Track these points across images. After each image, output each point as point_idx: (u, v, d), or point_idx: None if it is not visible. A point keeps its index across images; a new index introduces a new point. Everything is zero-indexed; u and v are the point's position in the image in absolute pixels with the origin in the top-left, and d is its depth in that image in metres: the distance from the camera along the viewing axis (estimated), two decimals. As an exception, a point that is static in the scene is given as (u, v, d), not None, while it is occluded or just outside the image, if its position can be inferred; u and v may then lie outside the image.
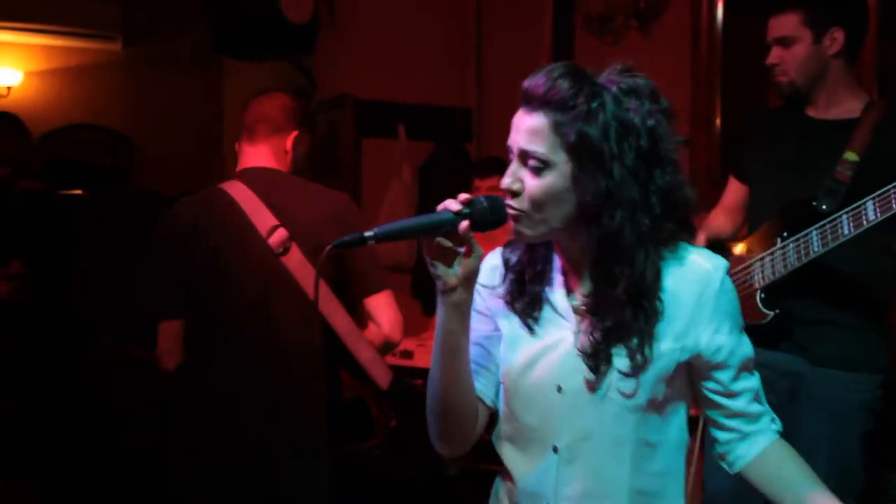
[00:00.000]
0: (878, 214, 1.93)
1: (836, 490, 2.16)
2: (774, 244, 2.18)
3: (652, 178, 1.18)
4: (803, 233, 2.09)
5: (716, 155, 3.40)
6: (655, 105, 1.20)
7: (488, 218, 1.20)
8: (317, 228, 2.01)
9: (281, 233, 2.00)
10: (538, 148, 1.18)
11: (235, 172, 2.13)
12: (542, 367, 1.26)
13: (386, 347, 2.09)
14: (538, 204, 1.19)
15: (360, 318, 2.14)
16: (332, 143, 4.49)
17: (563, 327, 1.26)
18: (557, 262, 1.28)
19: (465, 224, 1.16)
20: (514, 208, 1.21)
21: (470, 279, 1.20)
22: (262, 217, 2.01)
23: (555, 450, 1.25)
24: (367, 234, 1.16)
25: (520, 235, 1.24)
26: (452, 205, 1.17)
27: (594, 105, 1.17)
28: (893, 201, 1.90)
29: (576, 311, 1.26)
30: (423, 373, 2.74)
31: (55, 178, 3.68)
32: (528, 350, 1.27)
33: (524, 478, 1.29)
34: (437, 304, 1.21)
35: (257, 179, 2.07)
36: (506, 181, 1.22)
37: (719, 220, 2.49)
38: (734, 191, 2.49)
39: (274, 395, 2.00)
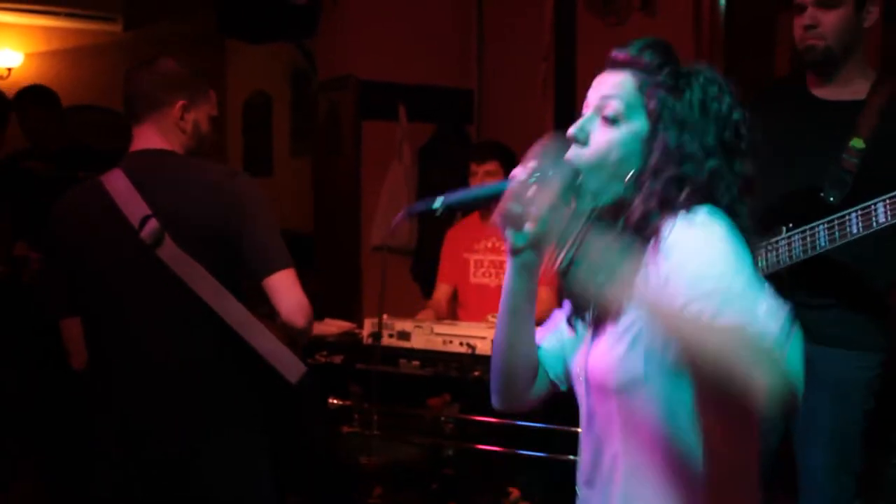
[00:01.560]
0: (889, 217, 1.89)
1: (835, 468, 2.19)
2: (780, 233, 2.15)
3: (730, 167, 1.19)
4: (810, 226, 2.06)
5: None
6: (738, 103, 1.21)
7: (566, 178, 1.17)
8: (192, 214, 1.85)
9: (152, 223, 1.83)
10: (619, 100, 1.19)
11: (123, 157, 1.96)
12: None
13: (292, 335, 1.89)
14: (602, 156, 1.18)
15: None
16: (333, 125, 4.49)
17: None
18: None
19: (532, 189, 1.13)
20: (572, 163, 1.18)
21: (539, 244, 1.18)
22: (134, 207, 1.84)
23: (596, 441, 1.27)
24: (436, 204, 1.16)
25: (581, 198, 1.19)
26: (521, 173, 1.15)
27: (680, 80, 1.19)
28: None
29: None
30: (418, 354, 2.77)
31: (57, 160, 3.67)
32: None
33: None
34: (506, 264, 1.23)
35: (137, 165, 1.91)
36: (574, 128, 1.20)
37: None
38: None
39: (156, 396, 1.88)
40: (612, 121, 1.19)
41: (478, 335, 2.73)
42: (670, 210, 1.15)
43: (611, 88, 1.20)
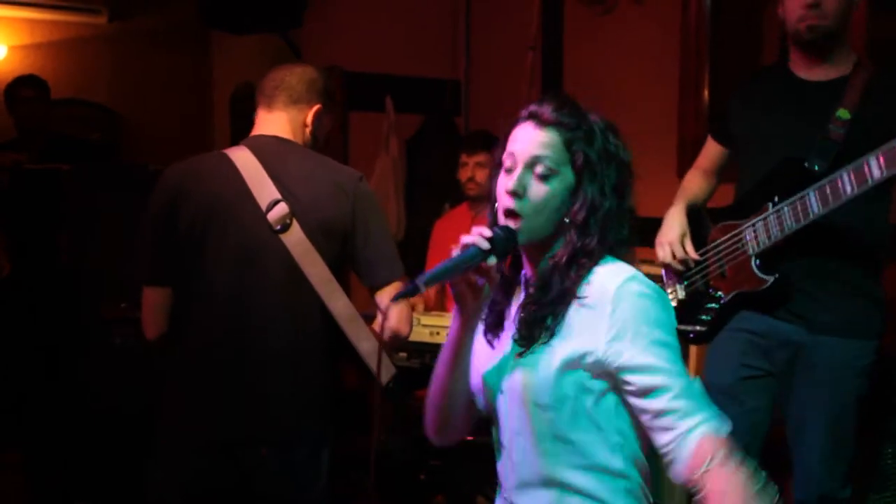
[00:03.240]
0: (884, 169, 1.89)
1: (829, 454, 2.20)
2: (766, 209, 2.16)
3: (623, 200, 1.39)
4: (799, 195, 2.06)
5: (704, 124, 3.39)
6: (624, 145, 1.40)
7: (506, 245, 1.34)
8: (320, 206, 1.91)
9: (282, 208, 1.88)
10: (550, 159, 1.35)
11: (246, 137, 2.01)
12: (492, 374, 1.42)
13: (394, 341, 1.99)
14: (539, 207, 1.35)
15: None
16: (320, 116, 4.47)
17: (509, 333, 1.42)
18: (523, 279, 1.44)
19: (492, 262, 1.30)
20: (514, 212, 1.35)
21: (483, 304, 1.38)
22: (264, 188, 1.90)
23: (502, 446, 1.43)
24: (419, 283, 1.28)
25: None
26: (482, 243, 1.29)
27: (592, 133, 1.37)
28: None
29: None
30: (406, 345, 2.76)
31: (42, 153, 3.65)
32: (486, 361, 1.44)
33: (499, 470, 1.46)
34: (453, 318, 1.39)
35: (265, 148, 1.95)
36: (510, 185, 1.35)
37: (697, 182, 2.46)
38: (713, 153, 2.46)
39: (252, 383, 1.89)
40: (545, 178, 1.35)
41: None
42: (587, 255, 1.35)
43: (540, 147, 1.35)
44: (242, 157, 1.93)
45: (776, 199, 2.13)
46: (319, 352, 1.95)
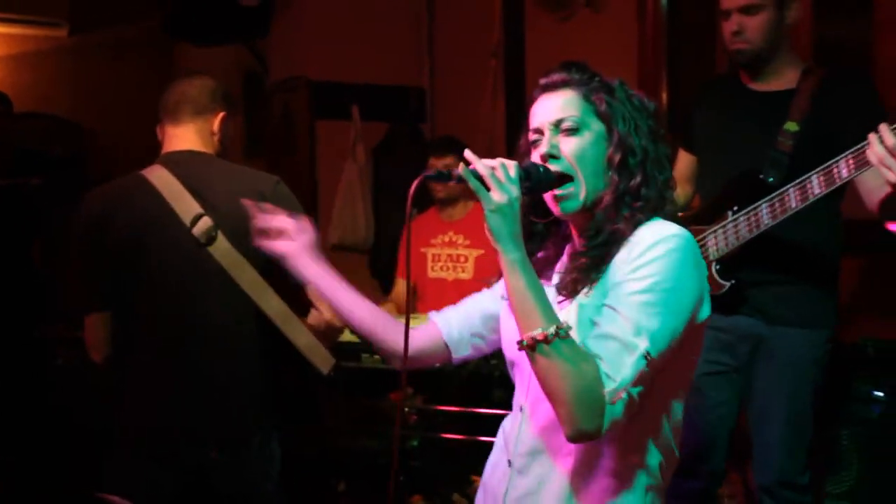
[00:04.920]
0: (823, 188, 2.01)
1: (789, 441, 2.30)
2: (726, 217, 2.25)
3: (657, 149, 1.35)
4: (753, 206, 2.17)
5: (663, 127, 3.48)
6: (647, 98, 1.40)
7: (540, 177, 1.32)
8: (243, 215, 1.88)
9: (205, 221, 1.93)
10: (573, 113, 1.34)
11: (159, 157, 2.05)
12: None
13: (329, 332, 2.01)
14: (578, 160, 1.32)
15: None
16: (287, 125, 4.49)
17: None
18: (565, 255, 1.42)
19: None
20: (563, 173, 1.32)
21: (504, 209, 1.28)
22: (185, 204, 1.94)
23: (521, 409, 1.39)
24: (455, 172, 1.27)
25: (570, 205, 1.34)
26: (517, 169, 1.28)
27: (607, 84, 1.36)
28: (836, 176, 1.97)
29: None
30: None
31: (6, 167, 3.63)
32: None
33: (504, 431, 1.44)
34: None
35: (181, 164, 2.00)
36: (543, 149, 1.34)
37: None
38: (684, 162, 2.56)
39: (200, 388, 1.95)
40: (573, 131, 1.33)
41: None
42: (634, 197, 1.31)
43: (560, 107, 1.34)
44: (160, 176, 1.97)
45: (735, 208, 2.22)
46: (258, 353, 2.00)
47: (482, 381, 2.64)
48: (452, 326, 1.52)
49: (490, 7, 4.18)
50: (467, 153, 1.28)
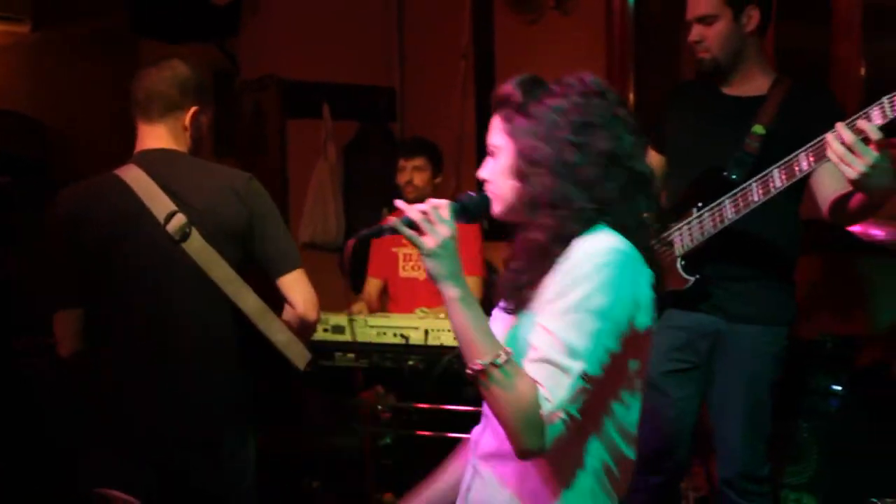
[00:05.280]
0: (784, 181, 2.08)
1: (749, 434, 2.37)
2: (691, 214, 2.32)
3: (621, 165, 1.33)
4: (717, 202, 2.24)
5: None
6: (613, 101, 1.36)
7: (477, 206, 1.42)
8: (216, 211, 1.95)
9: (179, 218, 1.92)
10: (494, 137, 1.42)
11: (133, 155, 2.03)
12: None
13: (303, 327, 2.01)
14: (494, 181, 1.41)
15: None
16: (258, 125, 4.49)
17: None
18: None
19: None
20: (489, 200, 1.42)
21: (438, 254, 1.34)
22: (159, 203, 1.93)
23: (485, 417, 1.44)
24: (385, 227, 1.35)
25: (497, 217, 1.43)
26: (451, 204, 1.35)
27: (530, 100, 1.37)
28: (796, 169, 2.05)
29: None
30: (353, 346, 2.83)
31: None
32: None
33: (472, 435, 1.48)
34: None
35: (154, 163, 1.98)
36: (480, 172, 1.43)
37: None
38: (653, 162, 2.63)
39: (174, 386, 1.95)
40: (493, 154, 1.42)
41: (410, 326, 2.82)
42: (569, 227, 1.32)
43: (491, 134, 1.42)
44: (133, 175, 1.96)
45: (699, 205, 2.29)
46: (234, 350, 2.00)
47: (454, 379, 2.68)
48: None
49: (459, 8, 4.22)
50: (398, 203, 1.36)
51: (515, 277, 1.36)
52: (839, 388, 2.67)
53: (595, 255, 1.27)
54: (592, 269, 1.26)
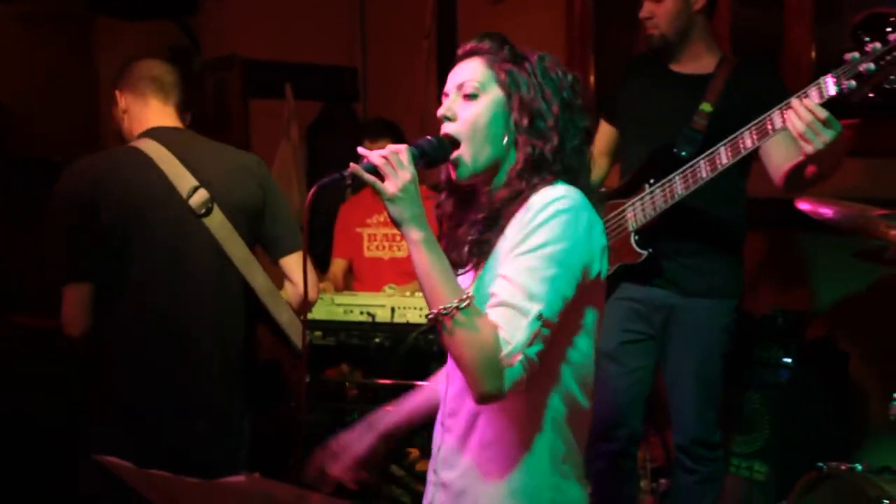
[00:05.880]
0: (730, 158, 2.17)
1: (700, 403, 2.48)
2: (644, 190, 2.40)
3: (572, 121, 1.38)
4: (667, 178, 2.32)
5: (590, 107, 3.62)
6: (563, 70, 1.41)
7: (436, 150, 1.36)
8: (235, 190, 2.03)
9: (202, 193, 1.98)
10: (473, 78, 1.38)
11: (145, 130, 2.07)
12: None
13: (303, 306, 2.01)
14: (472, 126, 1.37)
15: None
16: (220, 104, 4.46)
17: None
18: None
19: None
20: (451, 136, 1.37)
21: (401, 197, 1.33)
22: (181, 177, 1.99)
23: (447, 375, 1.47)
24: (345, 172, 1.31)
25: (461, 172, 1.39)
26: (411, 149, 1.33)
27: (517, 54, 1.39)
28: (741, 146, 2.14)
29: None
30: (320, 324, 2.86)
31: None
32: None
33: (440, 394, 1.51)
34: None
35: (171, 139, 2.04)
36: (441, 110, 1.39)
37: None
38: (605, 134, 2.70)
39: (193, 357, 2.00)
40: (472, 97, 1.38)
41: (377, 304, 2.86)
42: (535, 174, 1.35)
43: (465, 73, 1.40)
44: (154, 149, 2.01)
45: (651, 181, 2.37)
46: (243, 327, 2.08)
47: (420, 356, 2.73)
48: None
49: (422, -13, 4.24)
50: (360, 149, 1.33)
51: (480, 232, 1.38)
52: (789, 360, 2.78)
53: (551, 202, 1.31)
54: (549, 217, 1.30)
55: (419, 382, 2.86)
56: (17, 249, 2.66)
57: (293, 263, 2.09)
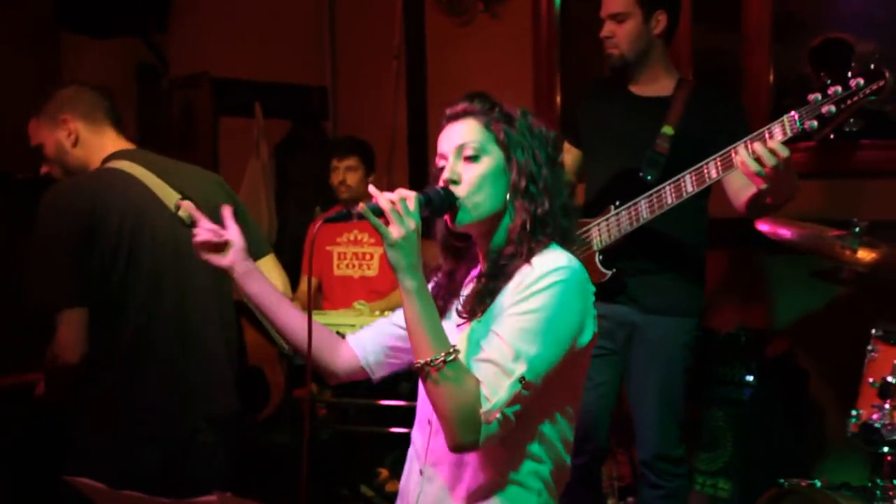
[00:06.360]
0: (695, 186, 2.22)
1: (663, 418, 2.52)
2: (609, 211, 2.45)
3: (557, 176, 1.45)
4: (633, 202, 2.36)
5: (556, 129, 3.66)
6: (544, 125, 1.48)
7: (441, 201, 1.40)
8: (212, 199, 2.08)
9: (188, 204, 2.03)
10: (474, 139, 1.43)
11: (112, 154, 2.09)
12: None
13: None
14: (476, 186, 1.41)
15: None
16: (189, 122, 4.45)
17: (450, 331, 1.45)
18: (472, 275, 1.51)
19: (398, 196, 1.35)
20: (455, 197, 1.41)
21: (402, 244, 1.36)
22: (165, 192, 2.05)
23: (429, 422, 1.49)
24: (354, 210, 1.35)
25: (462, 217, 1.43)
26: (418, 196, 1.37)
27: (507, 114, 1.46)
28: (706, 176, 2.19)
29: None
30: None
31: None
32: None
33: (415, 443, 1.55)
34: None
35: (141, 159, 2.10)
36: (446, 175, 1.43)
37: None
38: (569, 155, 2.75)
39: (201, 365, 2.05)
40: (473, 158, 1.43)
41: (346, 323, 2.87)
42: (542, 223, 1.41)
43: (463, 135, 1.44)
44: (134, 168, 2.07)
45: (617, 202, 2.42)
46: (235, 332, 2.15)
47: (390, 375, 2.74)
48: (368, 350, 1.59)
49: (391, 9, 4.27)
50: (371, 188, 1.36)
51: (483, 287, 1.42)
52: (751, 378, 2.83)
53: (552, 272, 1.35)
54: (549, 285, 1.34)
55: (388, 402, 2.88)
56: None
57: (269, 266, 2.15)
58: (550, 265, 1.36)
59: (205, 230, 1.58)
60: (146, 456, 1.99)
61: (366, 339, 1.60)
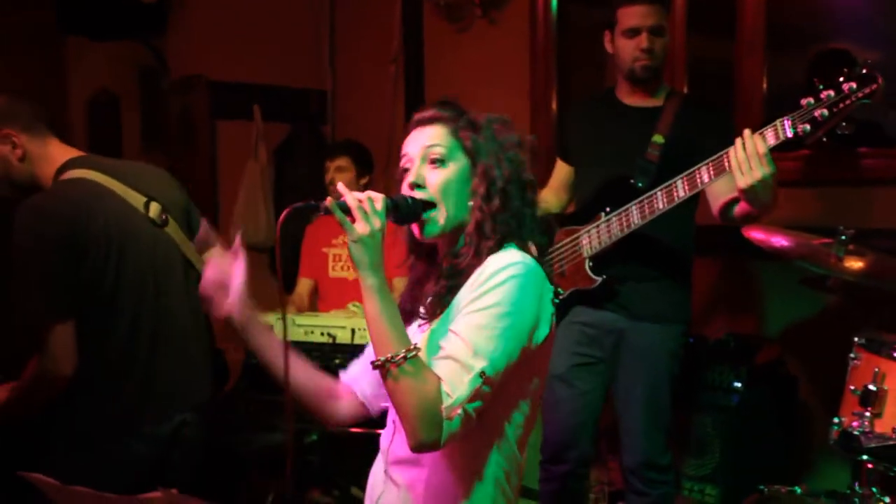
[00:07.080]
0: (687, 191, 2.25)
1: (650, 425, 2.53)
2: (599, 217, 2.47)
3: (520, 177, 1.46)
4: (624, 207, 2.38)
5: (552, 135, 3.70)
6: (513, 135, 1.50)
7: (408, 209, 1.42)
8: (171, 197, 2.16)
9: (155, 205, 2.10)
10: (440, 144, 1.46)
11: (65, 163, 2.07)
12: None
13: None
14: (441, 190, 1.44)
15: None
16: (187, 125, 4.48)
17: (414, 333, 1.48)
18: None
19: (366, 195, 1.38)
20: (422, 201, 1.43)
21: (365, 241, 1.38)
22: (131, 195, 2.08)
23: (393, 422, 1.51)
24: (321, 204, 1.38)
25: (430, 229, 1.45)
26: (385, 201, 1.39)
27: (474, 121, 1.48)
28: (698, 181, 2.22)
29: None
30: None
31: None
32: None
33: (381, 444, 1.55)
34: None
35: (98, 166, 2.09)
36: (411, 178, 1.45)
37: (548, 198, 2.78)
38: (560, 171, 2.78)
39: (182, 361, 2.10)
40: (439, 162, 1.45)
41: (337, 325, 2.89)
42: (483, 236, 1.42)
43: (429, 139, 1.46)
44: (99, 176, 2.07)
45: (607, 209, 2.44)
46: (207, 323, 2.21)
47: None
48: (363, 384, 1.61)
49: (390, 15, 4.30)
50: (339, 186, 1.38)
51: (441, 288, 1.44)
52: (739, 384, 2.84)
53: (506, 267, 1.37)
54: (503, 281, 1.35)
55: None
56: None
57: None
58: (505, 261, 1.38)
59: (216, 270, 1.55)
60: (133, 451, 2.02)
61: (358, 374, 1.62)
